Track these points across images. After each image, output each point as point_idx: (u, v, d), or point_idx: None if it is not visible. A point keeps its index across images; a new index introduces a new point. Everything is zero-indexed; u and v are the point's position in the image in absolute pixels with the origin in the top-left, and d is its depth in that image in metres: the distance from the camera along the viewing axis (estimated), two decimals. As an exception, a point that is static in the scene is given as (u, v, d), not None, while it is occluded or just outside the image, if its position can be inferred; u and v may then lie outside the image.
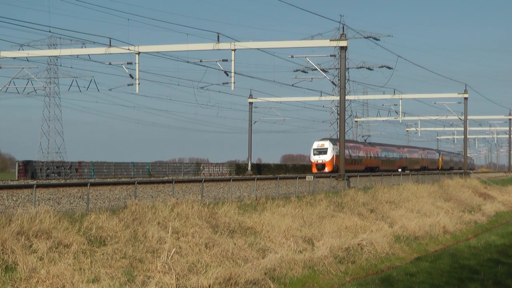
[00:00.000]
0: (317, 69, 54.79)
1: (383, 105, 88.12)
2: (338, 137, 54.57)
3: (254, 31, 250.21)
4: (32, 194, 23.11)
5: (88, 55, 46.97)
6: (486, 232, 39.15)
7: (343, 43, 45.41)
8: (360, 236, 28.18)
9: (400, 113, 79.10)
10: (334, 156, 67.64)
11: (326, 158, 68.52)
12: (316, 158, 69.40)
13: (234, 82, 45.13)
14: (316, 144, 69.89)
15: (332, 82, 64.30)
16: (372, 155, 79.03)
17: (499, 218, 48.09)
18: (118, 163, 68.30)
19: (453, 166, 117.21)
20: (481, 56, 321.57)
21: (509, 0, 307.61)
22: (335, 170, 65.07)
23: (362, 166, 74.92)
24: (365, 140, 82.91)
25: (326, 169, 67.56)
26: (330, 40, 47.74)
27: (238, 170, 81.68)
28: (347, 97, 64.42)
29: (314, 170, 68.36)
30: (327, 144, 69.06)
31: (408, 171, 76.04)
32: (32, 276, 16.39)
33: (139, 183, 29.08)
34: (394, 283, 21.76)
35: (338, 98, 55.69)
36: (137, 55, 44.68)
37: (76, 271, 17.13)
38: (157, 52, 46.05)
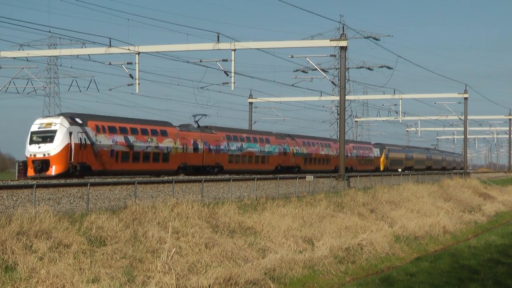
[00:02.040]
0: (317, 69, 54.77)
1: (383, 105, 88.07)
2: (338, 137, 53.25)
3: (254, 31, 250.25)
4: (32, 194, 23.11)
5: (88, 55, 46.94)
6: (486, 232, 39.18)
7: (343, 43, 45.41)
8: (360, 236, 28.20)
9: (400, 113, 79.04)
10: (73, 147, 38.94)
11: (52, 149, 38.62)
12: (33, 150, 39.26)
13: (234, 82, 45.12)
14: (37, 125, 40.05)
15: (332, 82, 64.27)
16: (200, 147, 49.24)
17: (499, 218, 48.11)
18: (118, 163, 67.98)
19: (413, 166, 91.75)
20: (481, 56, 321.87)
21: (509, 0, 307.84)
22: (70, 171, 38.76)
23: (172, 165, 46.70)
24: (197, 122, 52.65)
25: (53, 171, 38.25)
26: (330, 40, 47.74)
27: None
28: (347, 97, 64.31)
29: (31, 172, 38.90)
30: (57, 124, 39.25)
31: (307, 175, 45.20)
32: (32, 276, 16.41)
33: (139, 183, 29.10)
34: (394, 283, 21.78)
35: (338, 98, 55.65)
36: (137, 55, 44.67)
37: (76, 271, 17.14)
38: (157, 52, 46.04)
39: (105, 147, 41.53)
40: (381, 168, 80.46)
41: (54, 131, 38.96)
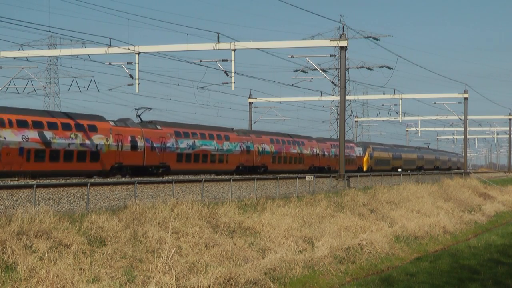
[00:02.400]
0: (317, 69, 54.75)
1: (383, 105, 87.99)
2: (338, 137, 52.98)
3: (254, 31, 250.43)
4: (32, 194, 23.12)
5: (88, 55, 46.90)
6: (486, 232, 39.19)
7: (343, 43, 45.40)
8: (360, 236, 28.20)
9: (400, 113, 78.98)
10: None
11: None
12: None
13: (234, 82, 45.07)
14: None
15: (332, 82, 64.18)
16: (139, 144, 43.13)
17: (499, 218, 48.12)
18: (118, 163, 67.72)
19: (401, 166, 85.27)
20: (481, 56, 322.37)
21: (509, 0, 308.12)
22: None
23: (102, 165, 40.58)
24: (139, 116, 46.95)
25: None
26: (330, 40, 47.71)
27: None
28: (347, 97, 64.25)
29: None
30: None
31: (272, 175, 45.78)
32: (32, 276, 16.41)
33: (139, 183, 29.10)
34: (394, 283, 21.78)
35: (338, 98, 55.61)
36: (137, 55, 44.64)
37: (76, 271, 17.15)
38: (157, 52, 46.00)
39: (12, 144, 35.26)
40: (364, 168, 74.54)
41: None
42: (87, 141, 39.51)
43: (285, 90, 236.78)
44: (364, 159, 75.92)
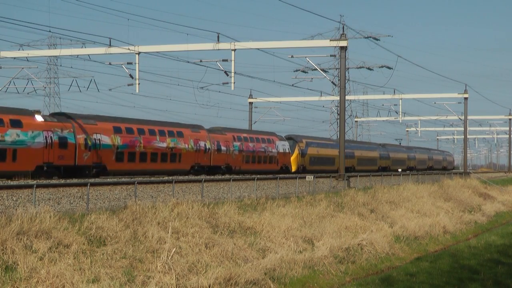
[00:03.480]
0: (317, 69, 54.76)
1: (383, 105, 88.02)
2: (338, 137, 52.76)
3: (254, 31, 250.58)
4: (32, 194, 23.11)
5: (88, 55, 46.89)
6: (486, 232, 39.19)
7: (343, 43, 45.39)
8: (360, 236, 28.20)
9: (400, 113, 78.99)
10: None
11: None
12: None
13: (234, 82, 45.06)
14: None
15: (332, 82, 64.16)
16: None
17: (499, 218, 48.12)
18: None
19: (354, 166, 70.25)
20: (481, 56, 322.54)
21: (509, 0, 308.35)
22: None
23: None
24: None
25: None
26: (330, 40, 47.69)
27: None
28: (347, 97, 64.18)
29: None
30: None
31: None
32: (32, 276, 16.41)
33: (139, 183, 29.09)
34: (394, 283, 21.79)
35: (338, 98, 55.56)
36: (137, 55, 44.64)
37: (76, 271, 17.15)
38: (157, 52, 45.99)
39: None
40: (293, 169, 58.79)
41: None
42: None
43: (285, 90, 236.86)
44: (292, 157, 59.54)
